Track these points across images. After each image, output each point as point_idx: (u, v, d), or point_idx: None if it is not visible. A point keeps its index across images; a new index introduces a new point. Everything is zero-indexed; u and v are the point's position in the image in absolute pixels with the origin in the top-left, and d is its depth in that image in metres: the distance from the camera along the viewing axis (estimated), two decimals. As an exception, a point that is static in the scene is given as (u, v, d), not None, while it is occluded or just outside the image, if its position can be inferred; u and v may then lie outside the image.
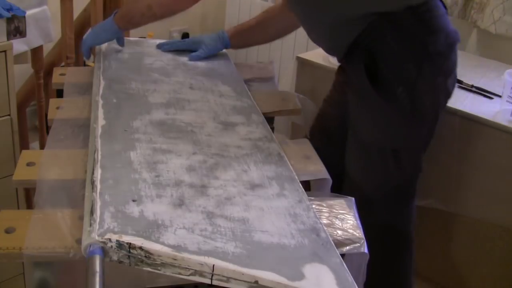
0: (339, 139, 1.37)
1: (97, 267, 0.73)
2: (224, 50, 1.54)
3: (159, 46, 1.49)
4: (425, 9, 1.18)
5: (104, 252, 0.76)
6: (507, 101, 1.68)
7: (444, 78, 1.25)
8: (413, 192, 1.37)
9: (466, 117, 1.66)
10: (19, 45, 1.63)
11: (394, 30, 1.18)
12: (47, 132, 1.35)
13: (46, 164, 0.99)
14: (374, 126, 1.26)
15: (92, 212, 0.81)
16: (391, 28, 1.18)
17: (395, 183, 1.32)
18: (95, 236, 0.76)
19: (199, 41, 1.49)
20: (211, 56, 1.47)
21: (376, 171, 1.30)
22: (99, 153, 0.96)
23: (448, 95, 1.30)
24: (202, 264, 0.75)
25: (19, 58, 1.79)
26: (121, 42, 1.47)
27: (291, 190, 0.94)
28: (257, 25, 1.48)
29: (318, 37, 1.33)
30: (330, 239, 0.85)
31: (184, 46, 1.49)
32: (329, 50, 1.36)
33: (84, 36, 1.46)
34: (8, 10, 1.50)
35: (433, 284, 1.97)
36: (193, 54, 1.46)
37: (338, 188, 1.13)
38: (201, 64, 1.41)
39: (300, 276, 0.76)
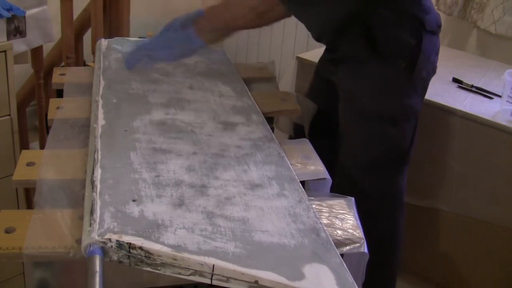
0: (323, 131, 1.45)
1: (97, 267, 0.73)
2: (223, 50, 1.54)
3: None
4: None
5: (104, 252, 0.76)
6: (507, 101, 1.68)
7: (435, 56, 1.34)
8: (408, 161, 1.41)
9: (466, 117, 1.67)
10: (19, 45, 1.64)
11: (390, 6, 1.25)
12: (47, 132, 1.35)
13: (46, 164, 0.99)
14: (374, 95, 1.31)
15: (92, 212, 0.81)
16: (387, 4, 1.24)
17: (395, 153, 1.37)
18: (95, 236, 0.76)
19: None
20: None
21: (378, 140, 1.35)
22: (99, 153, 0.96)
23: (434, 73, 1.38)
24: (202, 264, 0.75)
25: (19, 58, 1.79)
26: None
27: (291, 190, 0.94)
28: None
29: (311, 17, 1.35)
30: (330, 239, 0.85)
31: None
32: (321, 31, 1.37)
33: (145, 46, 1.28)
34: (8, 10, 1.50)
35: (433, 284, 1.97)
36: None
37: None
38: (201, 64, 1.41)
39: (300, 276, 0.76)
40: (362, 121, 1.35)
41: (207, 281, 0.76)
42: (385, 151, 1.36)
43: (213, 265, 0.75)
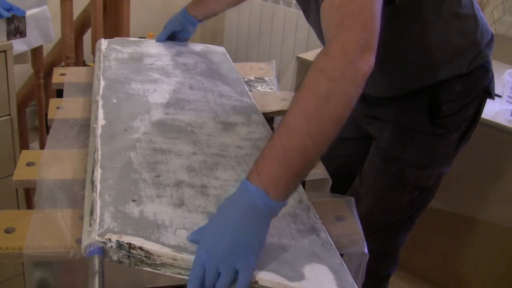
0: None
1: (97, 267, 0.73)
2: (223, 50, 1.54)
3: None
4: (489, 58, 1.19)
5: (104, 252, 0.76)
6: (507, 101, 1.68)
7: None
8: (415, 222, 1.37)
9: (466, 117, 1.66)
10: (19, 45, 1.64)
11: (463, 80, 1.16)
12: (47, 132, 1.35)
13: (46, 164, 0.99)
14: (416, 163, 1.23)
15: (92, 212, 0.81)
16: (461, 78, 1.16)
17: (409, 216, 1.32)
18: (95, 236, 0.76)
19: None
20: (177, 32, 1.49)
21: (400, 204, 1.29)
22: (99, 153, 0.96)
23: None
24: (202, 264, 0.75)
25: (19, 58, 1.79)
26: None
27: (291, 190, 0.94)
28: None
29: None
30: (330, 239, 0.85)
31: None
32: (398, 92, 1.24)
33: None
34: (8, 10, 1.50)
35: (433, 284, 1.97)
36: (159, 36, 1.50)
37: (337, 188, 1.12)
38: (201, 64, 1.41)
39: (300, 276, 0.76)
40: (392, 183, 1.26)
41: (207, 281, 0.76)
42: (403, 214, 1.30)
43: (213, 265, 0.75)
